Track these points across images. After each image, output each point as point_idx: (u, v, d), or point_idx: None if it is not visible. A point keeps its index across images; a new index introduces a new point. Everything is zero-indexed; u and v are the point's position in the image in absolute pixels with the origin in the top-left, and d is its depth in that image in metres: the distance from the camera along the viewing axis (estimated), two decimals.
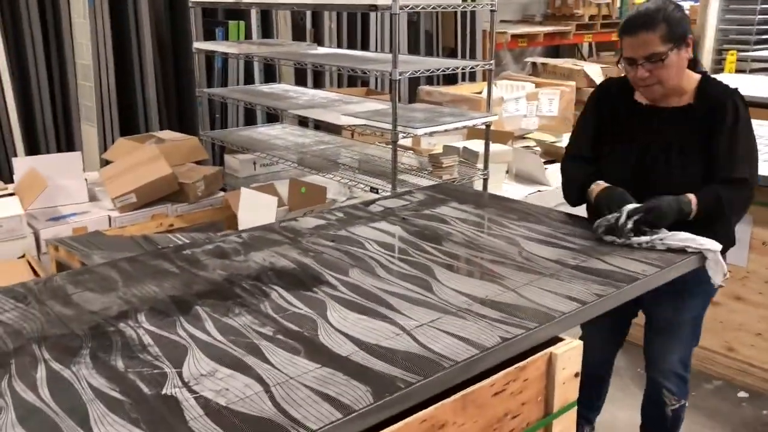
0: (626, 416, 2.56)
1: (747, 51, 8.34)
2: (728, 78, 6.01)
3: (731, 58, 8.11)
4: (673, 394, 2.22)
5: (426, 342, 1.49)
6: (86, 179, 3.83)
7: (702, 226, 2.00)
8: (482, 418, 1.47)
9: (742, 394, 3.04)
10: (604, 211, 2.05)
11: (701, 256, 1.94)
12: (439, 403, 1.38)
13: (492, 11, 3.55)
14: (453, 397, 1.40)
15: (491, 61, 3.59)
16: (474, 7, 3.82)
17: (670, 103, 2.11)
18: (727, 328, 3.10)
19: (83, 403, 1.30)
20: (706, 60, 9.52)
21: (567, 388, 1.61)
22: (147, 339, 1.53)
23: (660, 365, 2.23)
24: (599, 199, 2.09)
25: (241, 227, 3.40)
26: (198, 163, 4.20)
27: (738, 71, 7.83)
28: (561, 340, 1.62)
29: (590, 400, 2.18)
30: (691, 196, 2.00)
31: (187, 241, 2.79)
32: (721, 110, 2.03)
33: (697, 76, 2.12)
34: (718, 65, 9.26)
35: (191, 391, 1.33)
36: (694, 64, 2.13)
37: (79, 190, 3.72)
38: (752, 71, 7.84)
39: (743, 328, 3.06)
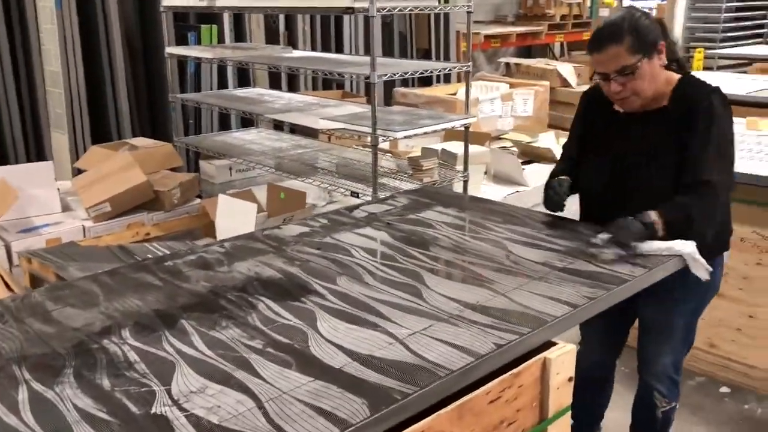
0: (615, 416, 2.57)
1: (714, 48, 8.48)
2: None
3: (698, 55, 8.23)
4: (664, 396, 2.22)
5: (419, 351, 1.46)
6: (59, 189, 3.74)
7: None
8: (478, 426, 1.45)
9: (723, 389, 3.07)
10: (548, 199, 2.17)
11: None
12: (436, 414, 1.36)
13: (468, 12, 3.54)
14: (449, 407, 1.38)
15: (469, 63, 3.58)
16: (450, 8, 3.81)
17: (648, 108, 2.07)
18: (709, 325, 3.12)
19: (68, 425, 1.26)
20: None
21: (561, 393, 1.60)
22: (132, 355, 1.49)
23: (652, 368, 2.23)
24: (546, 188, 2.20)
25: (219, 234, 3.35)
26: (173, 170, 4.13)
27: (705, 68, 7.96)
28: (554, 344, 1.61)
29: (584, 404, 2.12)
30: (653, 214, 1.93)
31: (166, 251, 2.74)
32: (695, 111, 1.98)
33: (677, 77, 2.08)
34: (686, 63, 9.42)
35: (182, 409, 1.29)
36: (679, 66, 2.11)
37: (52, 200, 3.64)
38: (719, 68, 7.98)
39: (723, 324, 3.09)
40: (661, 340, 2.18)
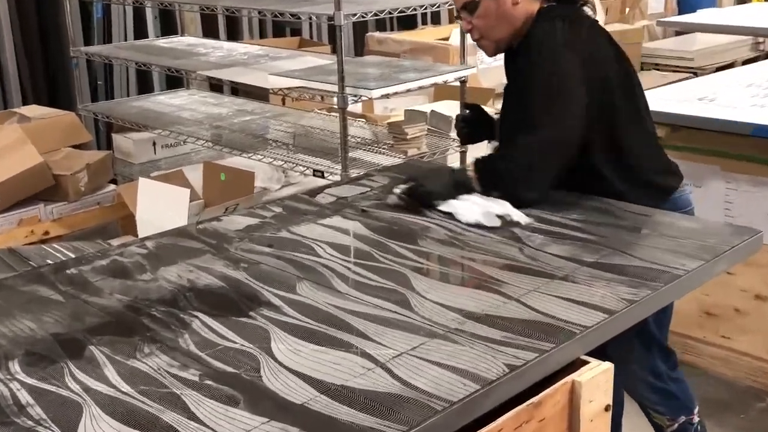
0: None
1: None
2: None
3: None
4: (663, 414, 2.29)
5: (407, 377, 1.45)
6: None
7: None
8: None
9: None
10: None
11: (761, 235, 1.99)
12: None
13: None
14: None
15: None
16: None
17: (512, 48, 2.30)
18: None
19: None
20: None
21: (596, 426, 1.60)
22: (24, 396, 1.45)
23: (632, 387, 2.31)
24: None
25: (140, 230, 3.34)
26: (78, 147, 4.12)
27: None
28: (585, 363, 1.61)
29: None
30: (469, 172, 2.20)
31: (70, 254, 2.69)
32: (527, 46, 2.19)
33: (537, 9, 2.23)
34: None
35: None
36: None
37: None
38: None
39: None
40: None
